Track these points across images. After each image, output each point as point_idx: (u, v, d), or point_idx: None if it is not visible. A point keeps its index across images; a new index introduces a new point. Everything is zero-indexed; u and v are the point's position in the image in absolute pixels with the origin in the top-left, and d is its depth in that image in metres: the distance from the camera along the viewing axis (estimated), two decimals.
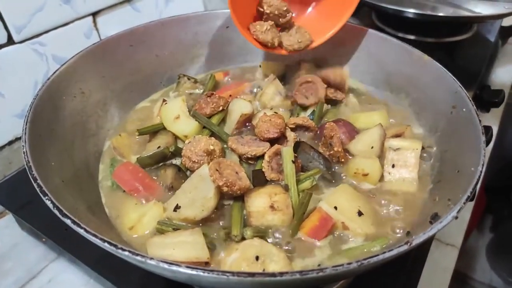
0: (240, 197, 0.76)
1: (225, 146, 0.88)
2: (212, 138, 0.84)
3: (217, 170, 0.73)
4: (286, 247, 0.72)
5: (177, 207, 0.73)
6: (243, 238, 0.70)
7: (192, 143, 0.81)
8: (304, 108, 1.00)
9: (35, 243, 0.91)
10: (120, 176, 0.82)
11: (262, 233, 0.72)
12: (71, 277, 0.85)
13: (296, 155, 0.81)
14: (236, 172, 0.76)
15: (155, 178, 0.84)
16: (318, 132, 0.93)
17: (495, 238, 2.46)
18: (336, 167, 0.86)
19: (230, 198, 0.77)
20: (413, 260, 0.85)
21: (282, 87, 1.04)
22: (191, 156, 0.80)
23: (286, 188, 0.77)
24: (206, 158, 0.80)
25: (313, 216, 0.74)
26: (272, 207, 0.73)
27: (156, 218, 0.74)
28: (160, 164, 0.86)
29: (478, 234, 2.45)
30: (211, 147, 0.81)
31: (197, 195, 0.74)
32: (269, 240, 0.72)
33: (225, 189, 0.72)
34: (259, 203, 0.74)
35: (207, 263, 0.66)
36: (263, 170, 0.80)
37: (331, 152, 0.85)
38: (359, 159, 0.85)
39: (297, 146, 0.85)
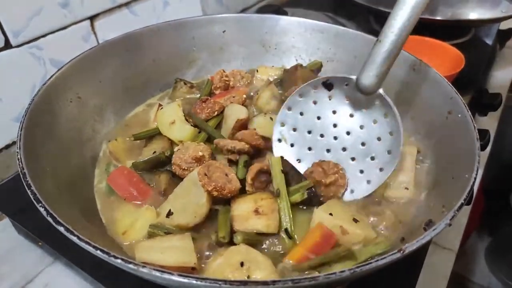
0: (229, 201, 0.76)
1: (213, 148, 0.87)
2: (201, 144, 0.84)
3: (205, 175, 0.72)
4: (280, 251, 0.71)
5: (169, 213, 0.73)
6: (233, 244, 0.70)
7: (181, 150, 0.81)
8: None
9: (32, 247, 0.91)
10: (115, 181, 0.82)
11: (253, 239, 0.71)
12: (68, 281, 0.85)
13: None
14: (226, 174, 0.75)
15: (150, 183, 0.84)
16: None
17: (494, 241, 2.46)
18: None
19: (222, 203, 0.77)
20: (410, 263, 0.85)
21: (278, 91, 1.05)
22: (181, 163, 0.80)
23: (274, 194, 0.76)
24: (195, 165, 0.80)
25: (314, 232, 0.71)
26: (256, 211, 0.72)
27: (149, 224, 0.74)
28: (155, 170, 0.86)
29: (477, 236, 2.45)
30: (200, 153, 0.80)
31: (190, 201, 0.73)
32: (263, 246, 0.72)
33: (215, 193, 0.72)
34: (243, 207, 0.73)
35: (194, 268, 0.65)
36: (247, 191, 0.77)
37: (333, 179, 0.79)
38: None
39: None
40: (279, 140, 0.84)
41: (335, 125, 0.79)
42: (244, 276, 0.63)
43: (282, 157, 0.81)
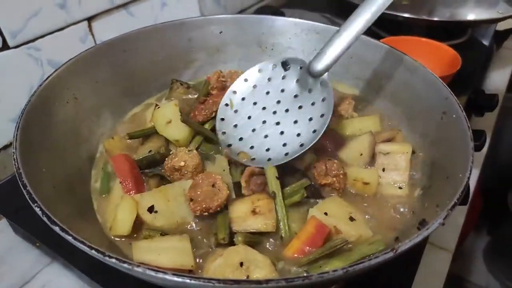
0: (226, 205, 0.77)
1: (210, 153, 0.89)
2: (192, 152, 0.83)
3: (191, 200, 0.73)
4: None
5: (153, 210, 0.73)
6: (234, 244, 0.70)
7: (172, 156, 0.82)
8: None
9: (29, 247, 0.91)
10: (118, 162, 0.83)
11: (254, 240, 0.72)
12: (65, 282, 0.85)
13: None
14: (213, 185, 0.74)
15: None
16: None
17: (492, 241, 2.46)
18: None
19: None
20: (407, 264, 0.85)
21: None
22: (167, 169, 0.82)
23: (271, 195, 0.76)
24: (176, 174, 0.81)
25: (308, 225, 0.72)
26: (253, 211, 0.73)
27: (129, 214, 0.74)
28: (148, 171, 0.87)
29: (475, 237, 2.45)
30: (181, 164, 0.80)
31: (177, 210, 0.75)
32: (262, 245, 0.72)
33: (205, 214, 0.73)
34: (241, 208, 0.74)
35: (191, 270, 0.66)
36: (244, 194, 0.78)
37: (328, 182, 0.82)
38: (358, 168, 0.86)
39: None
40: (226, 105, 0.90)
41: (278, 102, 0.86)
42: (243, 276, 0.63)
43: (276, 166, 0.81)
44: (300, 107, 0.85)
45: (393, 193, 0.84)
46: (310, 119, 0.82)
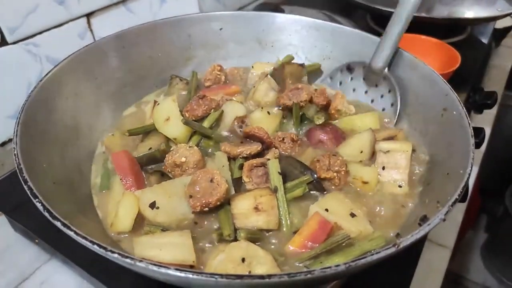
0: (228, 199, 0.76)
1: (209, 150, 0.89)
2: (193, 147, 0.83)
3: (191, 196, 0.73)
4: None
5: (154, 205, 0.73)
6: (236, 240, 0.70)
7: (172, 152, 0.82)
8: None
9: (28, 244, 0.90)
10: (118, 159, 0.83)
11: (256, 236, 0.72)
12: (64, 278, 0.85)
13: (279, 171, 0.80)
14: (211, 180, 0.74)
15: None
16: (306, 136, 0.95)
17: (490, 238, 2.48)
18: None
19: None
20: (406, 260, 0.86)
21: (275, 83, 1.05)
22: (168, 165, 0.82)
23: (273, 190, 0.77)
24: (177, 170, 0.81)
25: (311, 220, 0.72)
26: (256, 208, 0.72)
27: (131, 210, 0.74)
28: (148, 167, 0.87)
29: (472, 234, 2.47)
30: (182, 159, 0.80)
31: (178, 207, 0.75)
32: (264, 241, 0.72)
33: (205, 209, 0.73)
34: (243, 205, 0.73)
35: (192, 266, 0.66)
36: (249, 189, 0.78)
37: (329, 176, 0.82)
38: (358, 166, 0.85)
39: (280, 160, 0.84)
40: None
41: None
42: (245, 272, 0.63)
43: (279, 159, 0.82)
44: (372, 101, 1.04)
45: (393, 192, 0.83)
46: (383, 109, 1.02)
